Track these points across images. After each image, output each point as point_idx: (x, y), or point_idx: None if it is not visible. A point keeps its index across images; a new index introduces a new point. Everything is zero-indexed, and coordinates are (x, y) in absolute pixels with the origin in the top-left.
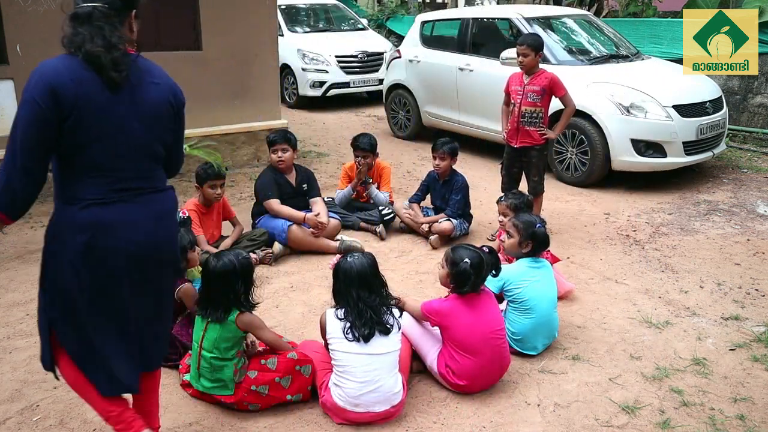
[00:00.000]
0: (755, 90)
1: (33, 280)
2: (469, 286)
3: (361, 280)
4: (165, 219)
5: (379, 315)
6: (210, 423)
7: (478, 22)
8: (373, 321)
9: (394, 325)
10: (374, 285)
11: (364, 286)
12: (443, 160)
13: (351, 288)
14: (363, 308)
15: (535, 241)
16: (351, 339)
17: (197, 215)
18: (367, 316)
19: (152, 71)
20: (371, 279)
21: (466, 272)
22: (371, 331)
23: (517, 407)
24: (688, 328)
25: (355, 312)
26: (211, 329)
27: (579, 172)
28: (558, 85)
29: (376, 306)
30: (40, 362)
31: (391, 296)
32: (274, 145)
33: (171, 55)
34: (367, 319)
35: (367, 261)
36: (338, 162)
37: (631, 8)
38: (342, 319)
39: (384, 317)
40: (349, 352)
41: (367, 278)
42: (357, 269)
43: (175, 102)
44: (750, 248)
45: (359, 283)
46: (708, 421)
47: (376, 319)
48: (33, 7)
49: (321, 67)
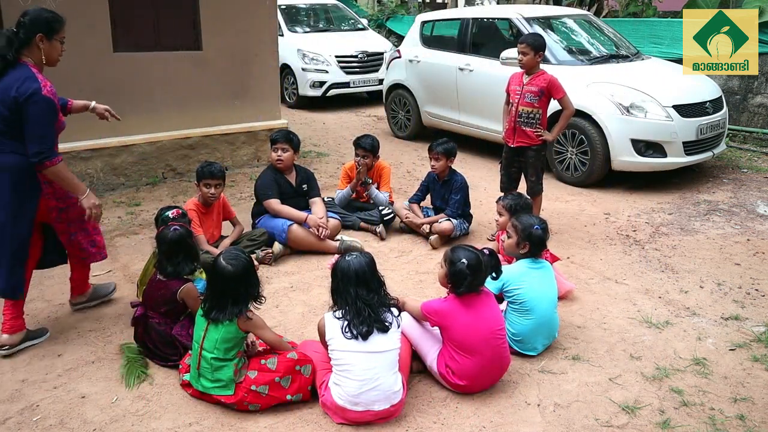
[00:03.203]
0: (755, 90)
1: (33, 281)
2: (465, 287)
3: (359, 279)
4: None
5: (378, 313)
6: (210, 423)
7: (478, 22)
8: (371, 319)
9: (393, 323)
10: (372, 283)
11: (362, 284)
12: (438, 160)
13: (349, 286)
14: (361, 306)
15: (531, 242)
16: (349, 337)
17: (197, 215)
18: (365, 314)
19: (19, 77)
20: (369, 278)
21: (462, 272)
22: (369, 329)
23: (517, 407)
24: (688, 328)
25: (354, 310)
26: (213, 329)
27: (579, 172)
28: (556, 87)
29: (374, 304)
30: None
31: (389, 295)
32: (275, 144)
33: (171, 55)
34: (365, 317)
35: (365, 260)
36: (338, 162)
37: (631, 8)
38: (340, 318)
39: (382, 315)
40: (348, 351)
41: (365, 277)
42: (355, 268)
43: (15, 94)
44: (750, 248)
45: (357, 281)
46: (708, 421)
47: (374, 317)
48: (33, 7)
49: (321, 67)
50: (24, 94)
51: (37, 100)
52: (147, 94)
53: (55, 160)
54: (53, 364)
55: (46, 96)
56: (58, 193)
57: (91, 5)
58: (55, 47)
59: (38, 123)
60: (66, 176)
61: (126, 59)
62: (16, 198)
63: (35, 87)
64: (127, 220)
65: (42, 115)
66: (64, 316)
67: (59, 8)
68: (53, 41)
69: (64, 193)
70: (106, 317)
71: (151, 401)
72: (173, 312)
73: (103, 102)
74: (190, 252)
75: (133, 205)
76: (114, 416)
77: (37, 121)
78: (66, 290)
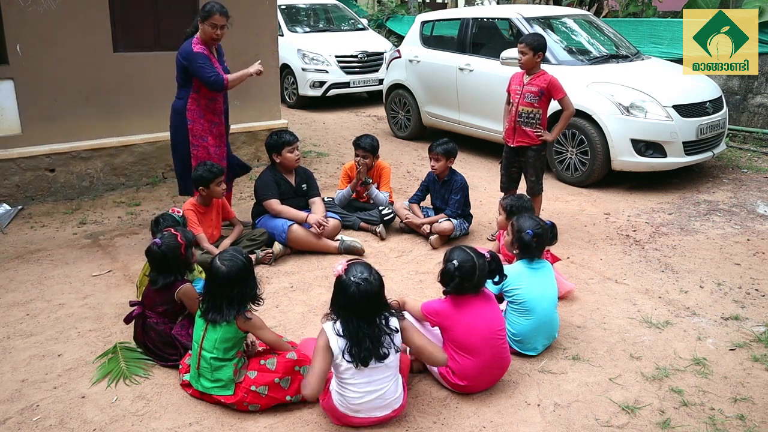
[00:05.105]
0: (755, 90)
1: (33, 280)
2: (452, 288)
3: (363, 310)
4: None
5: (377, 345)
6: (210, 423)
7: (478, 22)
8: (370, 350)
9: (391, 352)
10: (376, 313)
11: (365, 316)
12: (438, 161)
13: (351, 315)
14: (362, 337)
15: (520, 246)
16: (349, 360)
17: (195, 215)
18: (365, 344)
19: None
20: (374, 308)
21: (449, 272)
22: (368, 357)
23: (517, 407)
24: (688, 328)
25: (354, 339)
26: (212, 330)
27: (579, 172)
28: (556, 87)
29: (374, 335)
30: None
31: (392, 313)
32: (291, 145)
33: (171, 55)
34: (365, 347)
35: (372, 289)
36: (338, 162)
37: (631, 8)
38: (341, 336)
39: (382, 348)
40: (349, 368)
41: (369, 308)
42: (359, 298)
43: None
44: (750, 248)
45: (360, 313)
46: (708, 421)
47: (373, 350)
48: (33, 7)
49: (321, 67)
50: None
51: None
52: (147, 94)
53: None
54: (53, 364)
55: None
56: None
57: (91, 5)
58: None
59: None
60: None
61: (126, 59)
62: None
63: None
64: (127, 220)
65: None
66: (64, 316)
67: (59, 8)
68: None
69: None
70: (106, 317)
71: (151, 401)
72: (171, 312)
73: (103, 102)
74: (178, 265)
75: (133, 205)
76: (114, 416)
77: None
78: (66, 290)
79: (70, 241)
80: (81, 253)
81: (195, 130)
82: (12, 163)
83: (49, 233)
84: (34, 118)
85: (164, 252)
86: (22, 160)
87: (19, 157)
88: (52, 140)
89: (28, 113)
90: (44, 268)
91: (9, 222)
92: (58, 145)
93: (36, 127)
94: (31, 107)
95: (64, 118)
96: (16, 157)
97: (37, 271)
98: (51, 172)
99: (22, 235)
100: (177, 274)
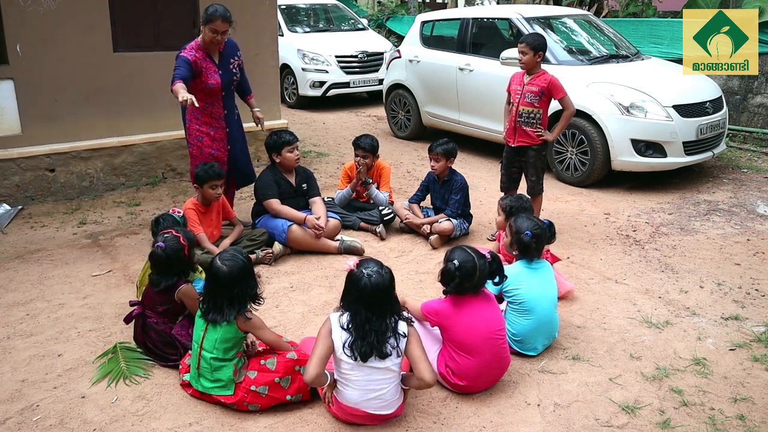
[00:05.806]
0: (755, 90)
1: (33, 280)
2: (452, 288)
3: (372, 302)
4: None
5: (382, 341)
6: (210, 423)
7: (478, 22)
8: (373, 345)
9: (393, 354)
10: (385, 308)
11: (374, 308)
12: (437, 161)
13: (360, 306)
14: (368, 331)
15: (519, 247)
16: (349, 354)
17: (196, 214)
18: (370, 338)
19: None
20: (384, 302)
21: (449, 272)
22: (369, 353)
23: (517, 407)
24: (688, 328)
25: (360, 333)
26: (212, 330)
27: (579, 172)
28: (557, 87)
29: (381, 331)
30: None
31: (403, 317)
32: (290, 145)
33: (171, 55)
34: (369, 341)
35: (383, 282)
36: (338, 162)
37: (631, 8)
38: (345, 329)
39: (385, 346)
40: (349, 363)
41: (379, 301)
42: (370, 290)
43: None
44: (750, 248)
45: (370, 305)
46: (708, 421)
47: (377, 345)
48: (33, 7)
49: (321, 67)
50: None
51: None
52: (147, 94)
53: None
54: (53, 364)
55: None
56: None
57: (91, 5)
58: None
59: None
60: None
61: (126, 59)
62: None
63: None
64: (127, 220)
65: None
66: (64, 316)
67: (59, 8)
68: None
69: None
70: (106, 317)
71: (151, 401)
72: (171, 312)
73: (103, 102)
74: (182, 267)
75: (133, 205)
76: (114, 416)
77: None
78: (66, 290)
79: (70, 241)
80: (81, 253)
81: (191, 129)
82: (12, 163)
83: (49, 233)
84: (34, 118)
85: (168, 255)
86: (22, 160)
87: (19, 157)
88: (52, 140)
89: (28, 113)
90: (44, 268)
91: (9, 222)
92: (58, 145)
93: (36, 127)
94: (31, 107)
95: (64, 118)
96: (16, 157)
97: (37, 271)
98: (51, 172)
99: (22, 235)
100: (180, 275)
